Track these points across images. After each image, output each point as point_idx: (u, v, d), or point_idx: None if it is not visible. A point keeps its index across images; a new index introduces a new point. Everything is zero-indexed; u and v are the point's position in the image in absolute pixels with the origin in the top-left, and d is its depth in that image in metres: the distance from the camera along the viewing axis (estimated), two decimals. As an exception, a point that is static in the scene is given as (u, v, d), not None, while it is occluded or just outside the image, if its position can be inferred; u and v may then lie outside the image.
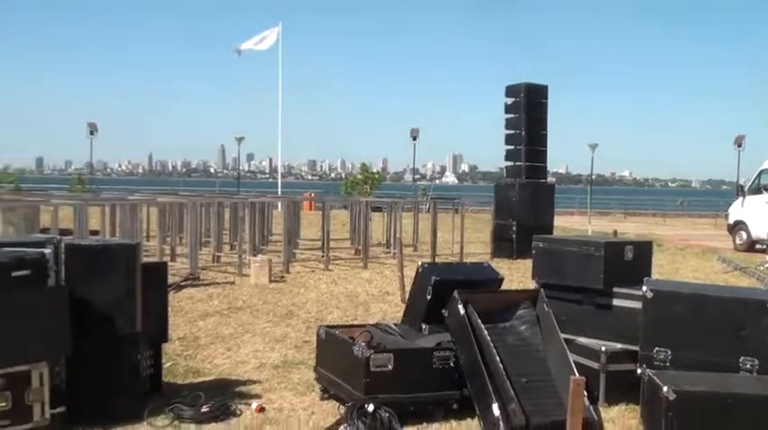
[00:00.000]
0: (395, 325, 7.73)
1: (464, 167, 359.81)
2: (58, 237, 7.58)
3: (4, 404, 5.96)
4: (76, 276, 6.45)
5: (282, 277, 15.25)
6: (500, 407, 6.04)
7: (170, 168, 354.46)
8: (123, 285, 6.54)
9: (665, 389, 5.28)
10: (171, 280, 11.06)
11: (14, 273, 6.00)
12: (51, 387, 6.23)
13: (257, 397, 7.25)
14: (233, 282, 14.54)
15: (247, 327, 10.53)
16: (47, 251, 6.34)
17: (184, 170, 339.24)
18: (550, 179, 22.80)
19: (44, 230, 15.63)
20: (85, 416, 6.36)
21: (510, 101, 20.97)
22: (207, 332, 10.19)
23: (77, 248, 6.74)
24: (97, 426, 6.24)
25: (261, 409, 6.84)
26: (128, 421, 6.36)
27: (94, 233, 15.91)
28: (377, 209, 22.10)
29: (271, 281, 14.54)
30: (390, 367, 6.45)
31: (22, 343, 6.06)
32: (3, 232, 16.16)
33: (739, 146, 48.75)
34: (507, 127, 20.97)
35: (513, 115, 20.85)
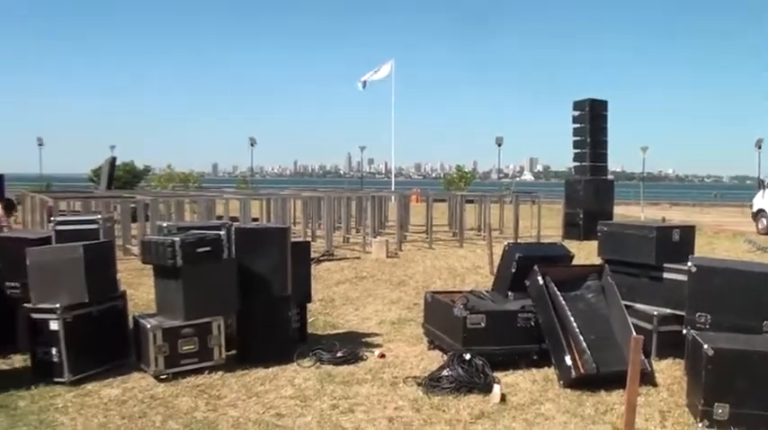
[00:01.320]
0: (486, 292, 7.63)
1: (539, 167, 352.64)
2: (229, 222, 7.79)
3: (192, 346, 6.20)
4: (243, 252, 6.60)
5: (396, 254, 15.28)
6: (572, 358, 5.93)
7: (310, 170, 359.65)
8: (278, 258, 6.66)
9: (705, 346, 5.09)
10: (312, 255, 11.23)
11: (199, 250, 6.20)
12: (226, 335, 6.42)
13: (379, 346, 7.29)
14: (359, 257, 14.65)
15: (370, 292, 10.60)
16: (221, 233, 6.52)
17: (321, 172, 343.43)
18: (610, 176, 22.13)
19: (219, 218, 16.08)
20: (250, 357, 6.53)
21: (576, 113, 20.62)
22: (340, 295, 10.30)
23: (243, 231, 6.90)
24: (259, 365, 6.40)
25: (382, 356, 6.88)
26: (281, 362, 6.50)
27: (255, 220, 16.29)
28: (469, 201, 21.86)
29: (387, 256, 14.58)
30: (483, 325, 6.39)
31: (205, 302, 6.27)
32: (189, 219, 16.74)
33: (759, 148, 46.40)
34: (575, 134, 20.61)
35: (579, 125, 20.50)
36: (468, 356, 5.97)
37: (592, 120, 20.21)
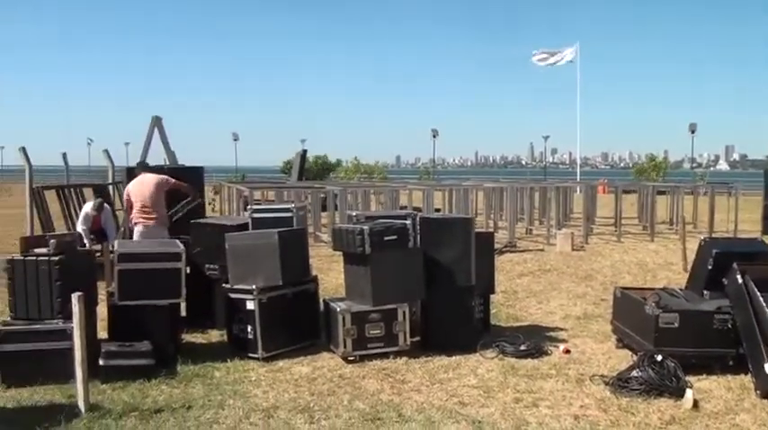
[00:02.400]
0: (680, 290, 7.20)
1: (735, 156, 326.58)
2: (415, 212, 7.93)
3: (379, 331, 6.40)
4: (428, 241, 6.69)
5: (582, 247, 14.80)
6: (775, 366, 5.44)
7: (491, 161, 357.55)
8: (462, 248, 6.68)
9: None
10: (494, 247, 11.15)
11: (386, 238, 6.36)
12: (410, 322, 6.55)
13: (563, 341, 7.10)
14: (542, 250, 14.36)
15: (554, 285, 10.36)
16: (407, 222, 6.64)
17: (502, 162, 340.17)
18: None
19: (402, 208, 16.42)
20: (434, 344, 6.62)
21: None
22: (523, 287, 10.16)
23: (429, 220, 6.99)
24: (443, 353, 6.47)
25: (567, 351, 6.70)
26: (464, 351, 6.52)
27: (437, 210, 16.46)
28: (661, 192, 20.66)
29: (573, 249, 14.17)
30: (676, 325, 6.03)
31: (392, 288, 6.43)
32: (375, 209, 17.24)
33: None
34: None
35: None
36: (659, 357, 5.66)
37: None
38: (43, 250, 6.16)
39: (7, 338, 5.76)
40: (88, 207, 10.88)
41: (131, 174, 10.70)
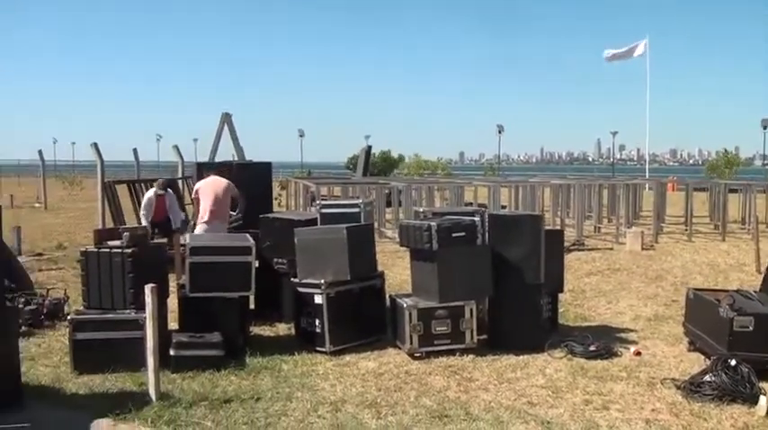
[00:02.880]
0: (754, 292, 6.95)
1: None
2: (483, 208, 7.87)
3: (445, 328, 6.39)
4: (496, 238, 6.62)
5: (652, 246, 14.43)
6: None
7: (556, 157, 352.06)
8: (531, 246, 6.60)
9: None
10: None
11: (454, 234, 6.33)
12: (477, 319, 6.51)
13: (634, 343, 6.94)
14: (611, 248, 14.07)
15: (624, 285, 10.13)
16: (476, 219, 6.60)
17: (568, 159, 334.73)
18: None
19: (467, 204, 16.34)
20: (501, 343, 6.57)
21: None
22: (591, 287, 9.97)
23: (497, 217, 6.92)
24: (510, 351, 6.41)
25: (638, 353, 6.55)
26: (532, 350, 6.45)
27: (503, 207, 16.31)
28: (733, 190, 19.96)
29: (642, 248, 13.83)
30: (751, 328, 5.82)
31: (459, 285, 6.40)
32: (439, 205, 17.21)
33: None
34: None
35: None
36: (733, 362, 5.47)
37: None
38: (116, 242, 6.34)
39: (81, 327, 5.97)
40: (151, 191, 10.87)
41: (201, 169, 10.92)
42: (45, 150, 30.78)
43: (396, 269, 10.62)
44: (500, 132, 51.26)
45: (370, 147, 31.59)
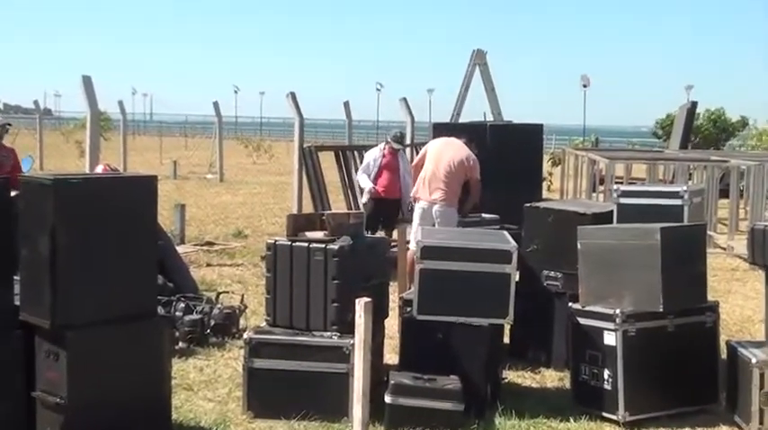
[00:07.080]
0: None
1: None
2: None
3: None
4: None
5: None
6: None
7: None
8: None
9: None
10: None
11: None
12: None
13: None
14: None
15: None
16: None
17: None
18: None
19: None
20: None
21: None
22: None
23: None
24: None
25: None
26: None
27: None
28: None
29: None
30: None
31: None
32: None
33: None
34: None
35: None
36: None
37: None
38: (318, 234, 6.52)
39: (261, 350, 6.22)
40: (376, 149, 10.91)
41: (438, 132, 10.80)
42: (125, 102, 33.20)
43: (734, 299, 10.14)
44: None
45: (694, 104, 30.47)
